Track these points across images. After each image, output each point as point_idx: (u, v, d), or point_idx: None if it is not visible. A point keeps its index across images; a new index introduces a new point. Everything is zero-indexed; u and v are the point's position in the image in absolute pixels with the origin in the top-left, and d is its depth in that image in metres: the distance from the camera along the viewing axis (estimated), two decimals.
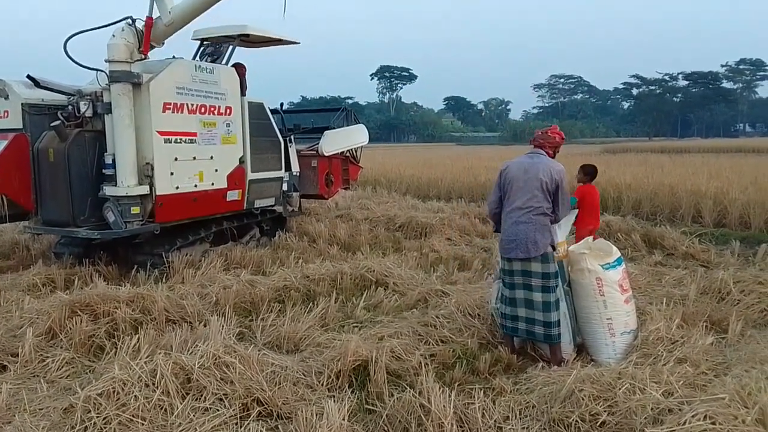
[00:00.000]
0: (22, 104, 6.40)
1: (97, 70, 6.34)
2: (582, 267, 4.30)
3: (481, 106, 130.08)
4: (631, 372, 3.40)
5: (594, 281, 4.21)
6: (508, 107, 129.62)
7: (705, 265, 7.15)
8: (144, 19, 6.61)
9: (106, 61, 6.33)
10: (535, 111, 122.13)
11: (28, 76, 6.34)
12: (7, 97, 6.43)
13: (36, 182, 6.50)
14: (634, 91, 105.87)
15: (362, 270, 6.29)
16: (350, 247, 8.13)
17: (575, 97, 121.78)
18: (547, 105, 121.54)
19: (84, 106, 6.45)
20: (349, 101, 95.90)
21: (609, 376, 3.36)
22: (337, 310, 5.23)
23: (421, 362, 3.93)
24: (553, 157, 4.44)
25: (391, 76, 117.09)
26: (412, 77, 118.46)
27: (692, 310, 4.90)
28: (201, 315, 5.02)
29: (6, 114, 6.46)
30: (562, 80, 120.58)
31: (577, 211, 5.39)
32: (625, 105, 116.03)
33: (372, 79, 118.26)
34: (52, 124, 6.29)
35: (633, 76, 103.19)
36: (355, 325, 4.94)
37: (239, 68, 7.79)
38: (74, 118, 6.45)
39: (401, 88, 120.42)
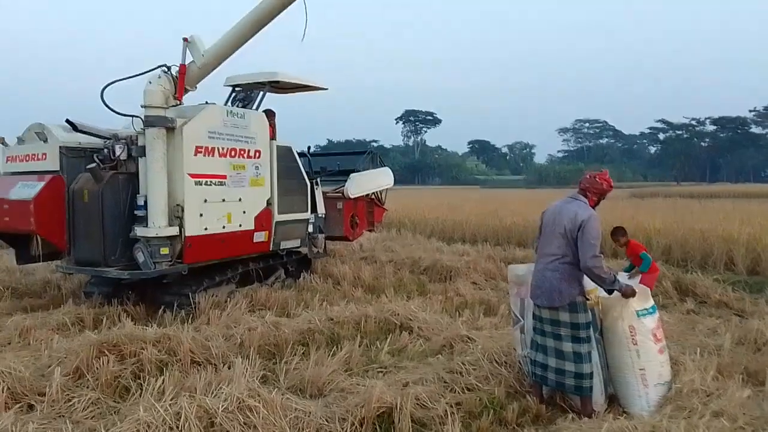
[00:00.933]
0: (60, 147, 6.63)
1: (132, 116, 6.57)
2: (615, 314, 4.19)
3: (505, 150, 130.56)
4: (665, 426, 3.28)
5: (627, 329, 4.11)
6: (532, 151, 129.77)
7: (739, 314, 6.93)
8: (177, 65, 6.88)
9: (142, 106, 6.57)
10: (560, 155, 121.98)
11: (67, 121, 6.60)
12: (46, 140, 6.68)
13: (70, 222, 6.68)
14: (661, 136, 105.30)
15: (387, 313, 6.25)
16: (375, 290, 8.10)
17: (600, 141, 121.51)
18: (572, 149, 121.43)
19: (119, 150, 6.65)
20: (375, 144, 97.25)
21: (642, 429, 3.24)
22: (361, 354, 5.17)
23: (446, 411, 3.85)
24: (595, 205, 4.20)
25: (416, 120, 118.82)
26: (436, 121, 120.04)
27: (727, 360, 4.74)
28: (225, 357, 5.01)
29: (44, 156, 6.70)
30: (587, 124, 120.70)
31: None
32: (652, 149, 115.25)
33: (397, 123, 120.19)
34: (87, 167, 6.50)
35: (659, 120, 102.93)
36: (379, 370, 4.87)
37: (270, 114, 8.00)
38: (109, 160, 6.65)
39: (426, 131, 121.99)
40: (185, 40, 6.92)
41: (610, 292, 4.06)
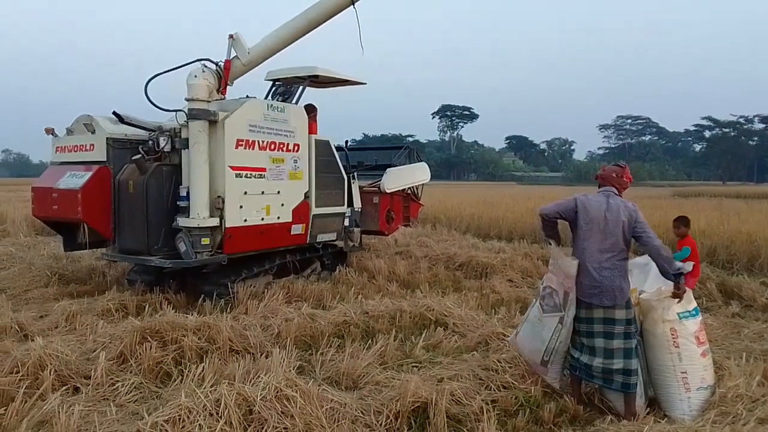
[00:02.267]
0: (106, 138, 6.82)
1: (175, 111, 6.71)
2: (655, 316, 4.10)
3: (543, 146, 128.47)
4: (708, 431, 3.19)
5: (668, 331, 4.01)
6: (572, 147, 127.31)
7: None
8: (220, 61, 7.00)
9: (186, 99, 6.71)
10: (601, 152, 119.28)
11: (114, 113, 6.78)
12: (93, 132, 6.88)
13: (115, 212, 6.88)
14: (707, 134, 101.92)
15: (422, 308, 6.25)
16: (409, 285, 8.10)
17: (643, 138, 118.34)
18: (613, 146, 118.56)
19: (163, 142, 6.80)
20: (410, 139, 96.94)
21: None
22: (396, 348, 5.19)
23: (482, 408, 3.83)
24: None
25: (453, 115, 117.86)
26: (473, 116, 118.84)
27: None
28: (263, 346, 5.11)
29: (92, 147, 6.90)
30: (629, 121, 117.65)
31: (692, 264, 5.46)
32: (697, 147, 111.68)
33: (433, 117, 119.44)
34: (133, 158, 6.67)
35: (705, 118, 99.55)
36: (414, 364, 4.88)
37: (311, 108, 8.07)
38: (154, 152, 6.81)
39: (462, 126, 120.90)
40: (231, 37, 7.05)
41: (674, 277, 3.93)
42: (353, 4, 7.16)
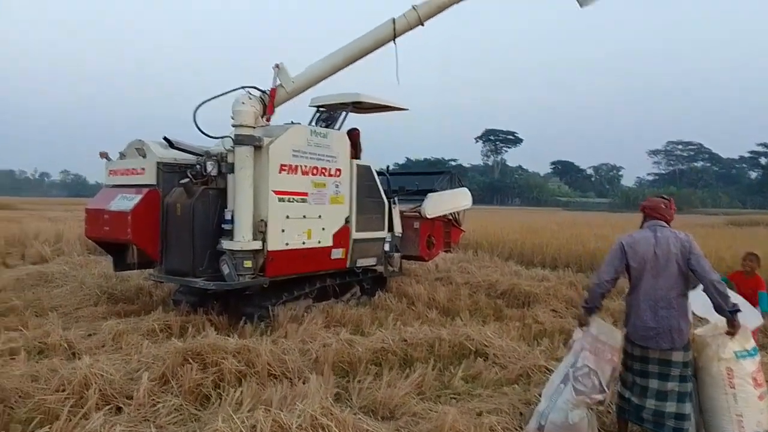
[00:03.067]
0: (157, 162, 7.07)
1: (222, 137, 6.90)
2: (710, 354, 3.88)
3: (590, 171, 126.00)
4: None
5: (724, 371, 3.79)
6: (620, 173, 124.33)
7: None
8: (256, 87, 7.19)
9: (233, 125, 6.90)
10: (650, 178, 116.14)
11: (165, 138, 7.02)
12: (145, 156, 7.14)
13: (163, 234, 7.08)
14: (763, 160, 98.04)
15: (461, 337, 6.15)
16: (449, 312, 7.99)
17: (695, 164, 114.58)
18: (663, 172, 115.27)
19: (210, 166, 6.99)
20: (453, 163, 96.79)
21: None
22: (434, 378, 5.10)
23: None
24: None
25: (497, 139, 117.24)
26: (517, 141, 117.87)
27: None
28: (301, 371, 5.10)
29: (143, 171, 7.15)
30: (680, 147, 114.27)
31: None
32: (752, 174, 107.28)
33: (477, 142, 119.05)
34: (181, 182, 6.88)
35: (761, 144, 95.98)
36: (452, 396, 4.78)
37: (354, 133, 8.17)
38: (201, 176, 7.00)
39: (506, 151, 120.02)
40: (277, 66, 7.24)
41: (730, 314, 3.69)
42: (394, 40, 7.38)
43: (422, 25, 7.52)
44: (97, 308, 7.63)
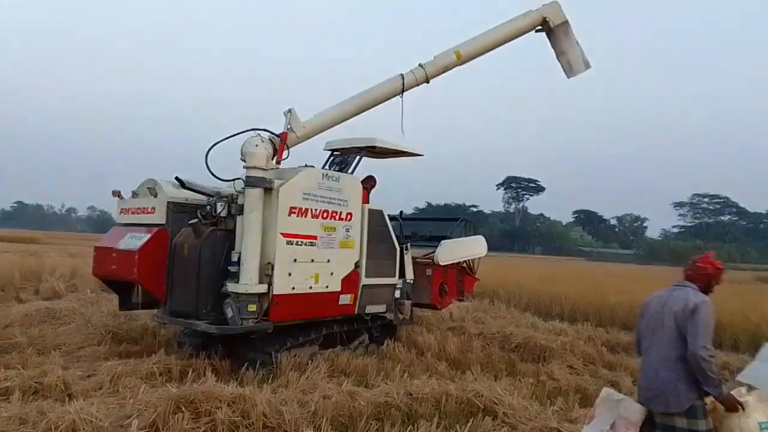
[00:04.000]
0: (167, 202, 7.05)
1: (233, 180, 6.88)
2: (732, 425, 3.58)
3: (614, 221, 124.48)
4: None
5: None
6: (644, 224, 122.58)
7: None
8: (264, 129, 7.19)
9: (244, 167, 6.88)
10: (676, 230, 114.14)
11: (176, 178, 7.03)
12: (156, 195, 7.14)
13: (169, 274, 6.99)
14: None
15: (470, 393, 5.84)
16: (460, 365, 7.67)
17: (721, 218, 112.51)
18: (689, 225, 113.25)
19: (220, 207, 6.96)
20: (474, 209, 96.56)
21: None
22: None
23: None
24: (706, 293, 3.75)
25: (518, 186, 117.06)
26: (539, 189, 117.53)
27: None
28: (297, 424, 4.87)
29: (153, 210, 7.13)
30: (706, 200, 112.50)
31: None
32: None
33: (498, 188, 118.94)
34: (189, 222, 6.83)
35: None
36: None
37: (370, 180, 8.11)
38: (211, 217, 6.96)
39: (528, 198, 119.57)
40: (289, 111, 7.28)
41: (706, 394, 3.54)
42: (401, 94, 7.73)
43: (428, 82, 7.97)
44: (100, 348, 7.50)
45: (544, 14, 8.27)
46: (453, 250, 9.36)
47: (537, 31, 8.43)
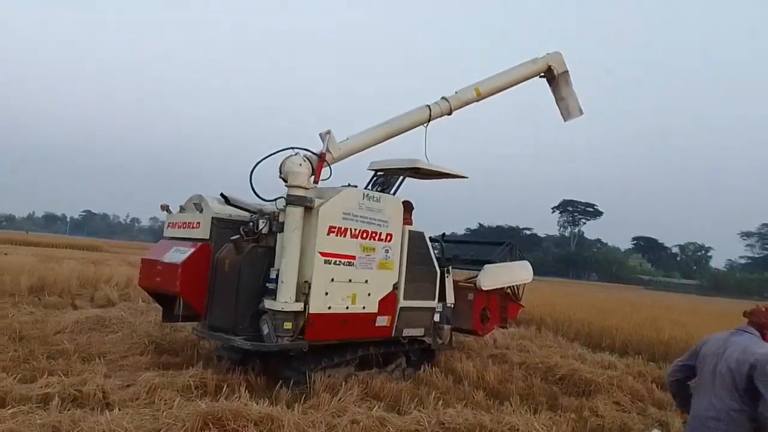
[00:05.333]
0: (212, 218, 7.18)
1: (275, 200, 6.95)
2: None
3: (676, 250, 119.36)
4: None
5: None
6: (708, 254, 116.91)
7: None
8: (315, 151, 7.25)
9: (287, 185, 6.93)
10: (743, 261, 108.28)
11: (222, 194, 7.16)
12: (201, 211, 7.28)
13: (210, 289, 7.09)
14: None
15: (505, 427, 5.62)
16: (498, 395, 7.41)
17: None
18: (757, 256, 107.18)
19: (262, 224, 7.03)
20: (527, 232, 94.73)
21: None
22: None
23: None
24: None
25: (574, 210, 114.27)
26: (597, 213, 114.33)
27: None
28: None
29: (198, 225, 7.28)
30: None
31: None
32: None
33: (553, 212, 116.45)
34: (232, 238, 6.92)
35: None
36: None
37: (407, 206, 8.05)
38: (252, 233, 7.03)
39: (584, 223, 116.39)
40: (328, 132, 7.33)
41: None
42: (427, 123, 8.05)
43: (450, 114, 8.35)
44: (142, 358, 7.68)
45: (549, 62, 9.04)
46: (496, 275, 9.11)
47: (541, 77, 9.14)
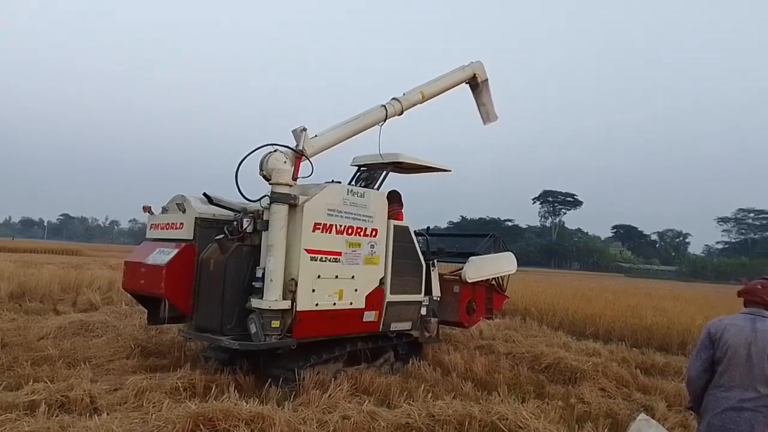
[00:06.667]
0: (195, 218, 7.13)
1: (260, 199, 6.92)
2: None
3: (654, 237, 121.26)
4: None
5: None
6: (686, 240, 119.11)
7: None
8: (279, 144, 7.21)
9: (270, 183, 6.90)
10: (720, 246, 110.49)
11: (204, 194, 7.10)
12: (184, 211, 7.22)
13: (195, 289, 7.05)
14: None
15: (494, 416, 5.66)
16: (486, 385, 7.48)
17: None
18: (734, 241, 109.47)
19: (246, 223, 6.97)
20: (509, 224, 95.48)
21: None
22: None
23: None
24: None
25: (555, 201, 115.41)
26: (577, 203, 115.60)
27: None
28: None
29: (181, 225, 7.22)
30: (751, 215, 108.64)
31: None
32: None
33: (534, 202, 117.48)
34: (216, 237, 6.88)
35: None
36: None
37: (394, 196, 8.06)
38: (237, 232, 6.97)
39: (565, 213, 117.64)
40: (304, 129, 7.31)
41: None
42: (381, 123, 8.32)
43: (400, 114, 8.62)
44: (129, 361, 7.60)
45: (474, 70, 9.77)
46: (481, 267, 9.18)
47: (466, 83, 9.85)
